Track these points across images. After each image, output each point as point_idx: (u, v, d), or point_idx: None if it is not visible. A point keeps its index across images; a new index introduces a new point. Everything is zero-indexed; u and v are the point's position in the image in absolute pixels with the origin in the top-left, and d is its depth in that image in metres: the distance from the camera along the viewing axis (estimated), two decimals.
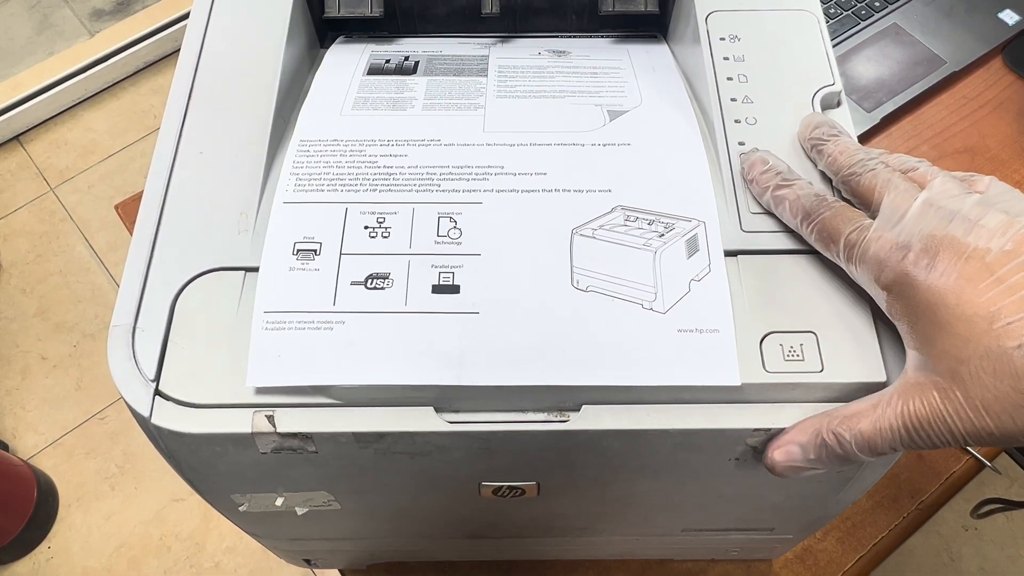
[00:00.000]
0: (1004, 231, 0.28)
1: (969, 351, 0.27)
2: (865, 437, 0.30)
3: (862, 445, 0.30)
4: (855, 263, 0.31)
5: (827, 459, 0.31)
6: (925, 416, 0.29)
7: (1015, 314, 0.27)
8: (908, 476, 0.58)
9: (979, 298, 0.27)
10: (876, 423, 0.30)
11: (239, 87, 0.41)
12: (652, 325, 0.33)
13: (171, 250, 0.37)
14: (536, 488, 0.38)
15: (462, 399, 0.34)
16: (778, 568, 0.56)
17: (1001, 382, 0.27)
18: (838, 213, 0.32)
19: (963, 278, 0.28)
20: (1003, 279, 0.27)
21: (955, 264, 0.28)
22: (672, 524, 0.45)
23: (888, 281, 0.30)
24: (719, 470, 0.36)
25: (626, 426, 0.33)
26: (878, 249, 0.30)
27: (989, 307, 0.27)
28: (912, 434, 0.29)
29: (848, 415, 0.31)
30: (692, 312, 0.34)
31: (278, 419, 0.33)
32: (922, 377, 0.29)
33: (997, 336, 0.27)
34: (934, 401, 0.28)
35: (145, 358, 0.34)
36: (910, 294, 0.29)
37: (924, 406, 0.29)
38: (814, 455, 0.32)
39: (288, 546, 0.49)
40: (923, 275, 0.29)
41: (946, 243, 0.29)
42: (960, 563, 1.30)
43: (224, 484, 0.38)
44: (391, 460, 0.35)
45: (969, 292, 0.28)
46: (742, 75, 0.41)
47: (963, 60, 0.76)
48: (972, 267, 0.28)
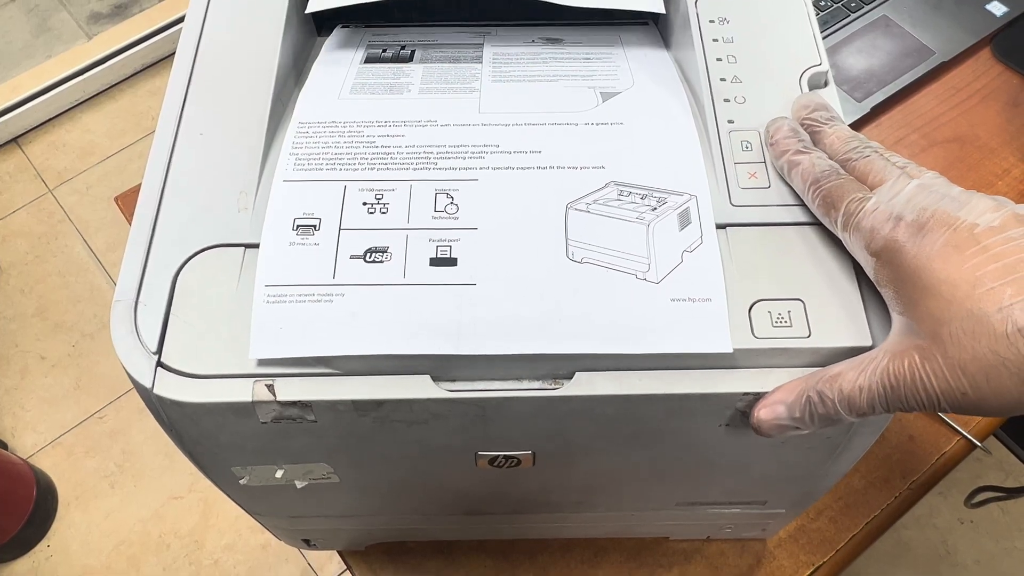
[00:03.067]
0: (994, 210, 0.30)
1: (951, 313, 0.28)
2: (847, 396, 0.31)
3: (844, 404, 0.31)
4: (850, 230, 0.33)
5: (811, 418, 0.32)
6: (904, 376, 0.30)
7: (997, 280, 0.28)
8: (900, 457, 0.59)
9: (964, 264, 0.29)
10: (858, 383, 0.31)
11: (238, 73, 0.42)
12: (646, 295, 0.34)
13: (172, 227, 0.38)
14: (531, 458, 0.39)
15: (458, 368, 0.34)
16: (772, 547, 0.57)
17: (979, 343, 0.28)
18: (844, 184, 0.34)
19: (950, 245, 0.29)
20: (988, 248, 0.29)
21: (943, 233, 0.30)
22: (665, 497, 0.46)
23: (878, 247, 0.31)
24: (710, 436, 0.37)
25: (618, 391, 0.34)
26: (873, 219, 0.32)
27: (973, 273, 0.28)
28: (891, 393, 0.30)
29: (832, 375, 0.32)
30: (685, 282, 0.35)
31: (278, 388, 0.34)
32: (905, 340, 0.31)
33: (978, 300, 0.28)
34: (914, 362, 0.30)
35: (147, 331, 0.35)
36: (898, 260, 0.31)
37: (904, 367, 0.30)
38: (799, 413, 0.33)
39: (288, 524, 0.50)
40: (912, 242, 0.30)
41: (937, 215, 0.30)
42: (956, 556, 1.31)
43: (225, 456, 0.38)
44: (389, 429, 0.36)
45: (955, 258, 0.29)
46: (731, 56, 0.42)
47: (952, 51, 0.77)
48: (959, 236, 0.29)
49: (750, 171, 0.38)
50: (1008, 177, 0.71)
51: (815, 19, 0.44)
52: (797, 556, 0.56)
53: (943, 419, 0.60)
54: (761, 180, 0.38)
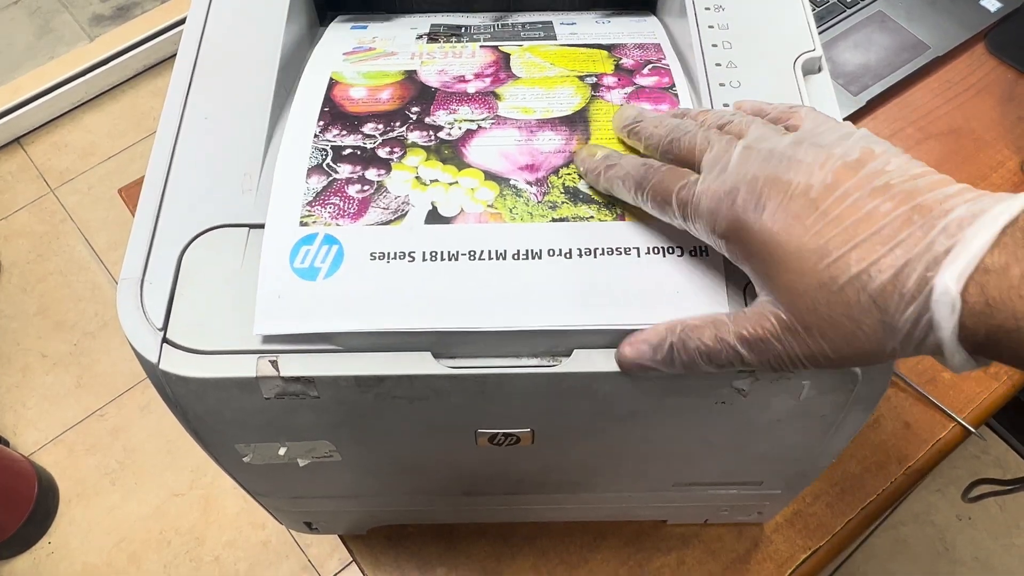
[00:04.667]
0: (822, 164, 0.29)
1: (804, 283, 0.28)
2: (707, 348, 0.31)
3: (705, 356, 0.31)
4: (691, 219, 0.32)
5: (672, 362, 0.32)
6: (764, 338, 0.30)
7: (841, 247, 0.28)
8: (895, 443, 0.60)
9: (807, 234, 0.28)
10: (717, 336, 0.31)
11: (242, 59, 0.43)
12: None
13: (178, 208, 0.38)
14: (531, 436, 0.39)
15: (459, 345, 0.35)
16: (769, 532, 0.57)
17: (835, 311, 0.28)
18: (666, 175, 0.33)
19: (791, 216, 0.29)
20: (827, 212, 0.28)
21: (781, 203, 0.29)
22: (663, 477, 0.47)
23: (723, 229, 0.31)
24: (706, 414, 0.38)
25: (616, 368, 0.35)
26: (708, 201, 0.31)
27: (818, 241, 0.28)
28: (752, 353, 0.30)
29: (695, 325, 0.32)
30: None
31: (282, 364, 0.35)
32: (767, 306, 0.30)
33: (828, 270, 0.28)
34: (773, 326, 0.30)
35: (153, 308, 0.36)
36: (745, 238, 0.30)
37: (762, 330, 0.30)
38: (661, 357, 0.32)
39: (289, 506, 0.50)
40: (754, 217, 0.29)
41: (769, 182, 0.29)
42: (954, 552, 1.31)
43: (229, 433, 0.39)
44: (391, 406, 0.37)
45: (798, 229, 0.28)
46: (726, 42, 0.43)
47: (947, 45, 0.78)
48: (798, 204, 0.29)
49: None
50: (1003, 169, 0.72)
51: (808, 6, 0.44)
52: (794, 540, 0.57)
53: (938, 406, 0.61)
54: None
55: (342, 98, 0.40)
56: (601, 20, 0.48)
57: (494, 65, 0.42)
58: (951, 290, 0.26)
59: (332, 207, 0.36)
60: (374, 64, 0.43)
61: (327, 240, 0.35)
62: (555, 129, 0.39)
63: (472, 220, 0.36)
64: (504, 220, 0.36)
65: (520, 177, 0.37)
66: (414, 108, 0.40)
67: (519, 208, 0.36)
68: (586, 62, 0.42)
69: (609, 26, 0.47)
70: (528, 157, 0.38)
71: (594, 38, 0.45)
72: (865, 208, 0.28)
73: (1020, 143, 0.73)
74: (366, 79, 0.41)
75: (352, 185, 0.37)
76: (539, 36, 0.46)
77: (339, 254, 0.35)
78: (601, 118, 0.39)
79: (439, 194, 0.36)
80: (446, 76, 0.42)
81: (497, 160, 0.38)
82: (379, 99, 0.40)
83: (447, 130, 0.39)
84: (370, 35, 0.46)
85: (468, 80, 0.41)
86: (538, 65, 0.42)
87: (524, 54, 0.43)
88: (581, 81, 0.41)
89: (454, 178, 0.37)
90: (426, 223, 0.35)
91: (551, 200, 0.36)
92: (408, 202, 0.36)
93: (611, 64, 0.42)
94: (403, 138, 0.38)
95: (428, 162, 0.38)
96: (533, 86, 0.41)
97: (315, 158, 0.38)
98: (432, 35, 0.46)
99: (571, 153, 0.38)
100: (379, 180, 0.37)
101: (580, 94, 0.40)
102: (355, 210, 0.36)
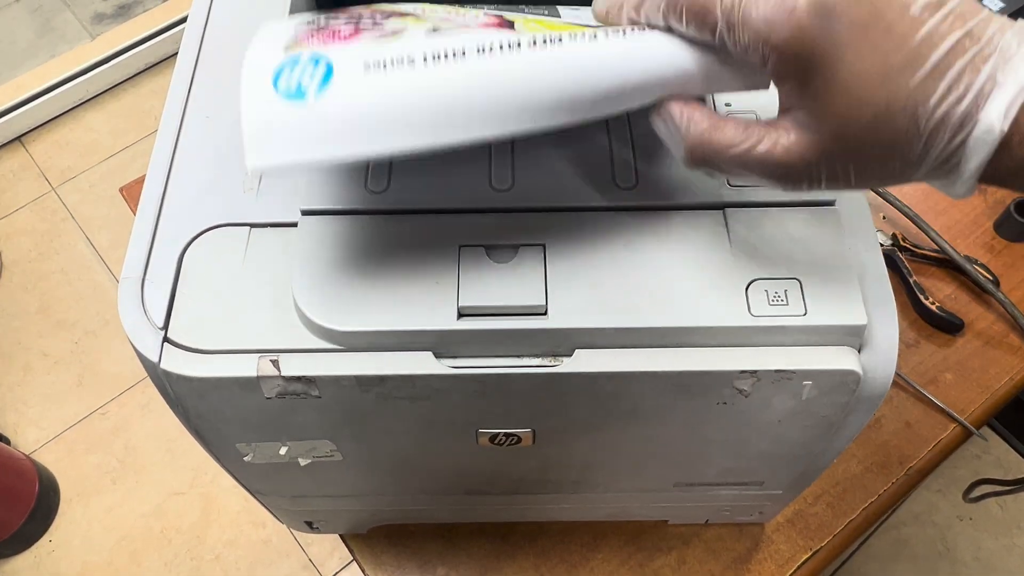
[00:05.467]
0: None
1: (860, 110, 0.26)
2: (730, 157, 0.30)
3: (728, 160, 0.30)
4: (738, 30, 0.28)
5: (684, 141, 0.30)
6: (793, 163, 0.28)
7: (904, 76, 0.26)
8: (897, 443, 0.60)
9: (873, 54, 0.26)
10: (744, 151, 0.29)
11: (243, 56, 0.43)
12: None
13: (179, 207, 0.38)
14: (532, 436, 0.39)
15: (460, 345, 0.35)
16: (770, 531, 0.57)
17: (881, 137, 0.26)
18: None
19: (858, 29, 0.26)
20: (891, 29, 0.26)
21: (847, 10, 0.26)
22: (664, 477, 0.47)
23: (781, 40, 0.27)
24: (708, 414, 0.38)
25: (617, 368, 0.35)
26: (764, 7, 0.27)
27: (882, 66, 0.26)
28: (775, 178, 0.29)
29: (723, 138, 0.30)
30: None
31: (282, 363, 0.35)
32: (802, 129, 0.28)
33: (887, 98, 0.26)
34: (808, 150, 0.28)
35: (154, 308, 0.36)
36: (807, 52, 0.27)
37: (797, 155, 0.28)
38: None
39: (290, 505, 0.50)
40: (821, 30, 0.27)
41: None
42: (955, 552, 1.31)
43: (230, 432, 0.39)
44: (392, 405, 0.37)
45: (865, 48, 0.26)
46: None
47: None
48: (864, 12, 0.26)
49: None
50: None
51: None
52: (795, 540, 0.57)
53: (940, 406, 0.61)
54: None
55: None
56: None
57: (497, 22, 0.40)
58: (994, 127, 0.25)
59: (321, 36, 0.31)
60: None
61: (313, 59, 0.30)
62: None
63: (478, 26, 0.33)
64: (514, 28, 0.33)
65: None
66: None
67: (528, 22, 0.34)
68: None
69: None
70: None
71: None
72: (925, 28, 0.25)
73: None
74: None
75: (343, 25, 0.33)
76: (543, 14, 0.45)
77: (328, 70, 0.30)
78: None
79: (439, 22, 0.33)
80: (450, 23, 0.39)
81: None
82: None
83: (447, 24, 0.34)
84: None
85: (470, 27, 0.39)
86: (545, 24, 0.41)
87: (529, 23, 0.42)
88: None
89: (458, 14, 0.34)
90: (426, 36, 0.31)
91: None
92: (405, 28, 0.32)
93: None
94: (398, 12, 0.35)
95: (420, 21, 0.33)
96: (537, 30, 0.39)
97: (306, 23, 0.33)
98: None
99: None
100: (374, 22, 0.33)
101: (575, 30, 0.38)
102: (347, 34, 0.31)
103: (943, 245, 0.65)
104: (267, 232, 0.37)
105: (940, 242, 0.65)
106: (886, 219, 0.70)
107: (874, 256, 0.37)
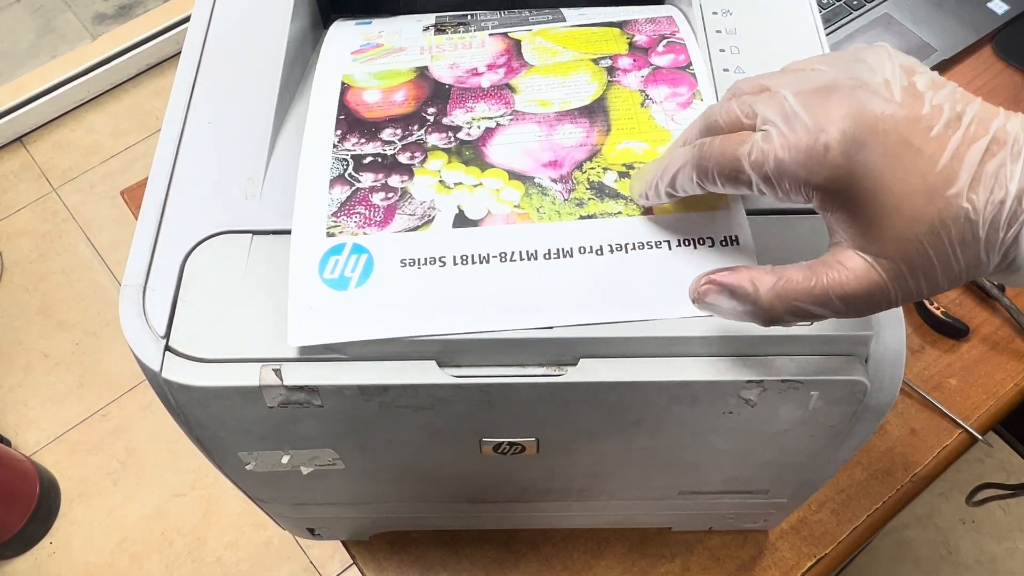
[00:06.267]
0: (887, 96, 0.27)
1: (914, 228, 0.27)
2: (801, 308, 0.29)
3: (794, 311, 0.30)
4: (773, 179, 0.29)
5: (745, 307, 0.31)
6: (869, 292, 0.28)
7: (947, 187, 0.26)
8: (901, 450, 0.59)
9: (912, 175, 0.27)
10: (813, 295, 0.29)
11: (246, 62, 0.43)
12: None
13: (181, 214, 0.38)
14: (535, 445, 0.39)
15: (464, 353, 0.35)
16: (774, 539, 0.57)
17: (940, 250, 0.27)
18: (724, 144, 0.30)
19: (891, 156, 0.27)
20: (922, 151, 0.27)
21: (878, 140, 0.27)
22: (668, 485, 0.46)
23: (821, 180, 0.28)
24: (714, 424, 0.37)
25: (622, 378, 0.34)
26: (794, 154, 0.28)
27: (923, 184, 0.27)
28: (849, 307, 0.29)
29: (792, 279, 0.30)
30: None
31: (285, 372, 0.34)
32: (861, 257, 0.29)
33: (937, 212, 0.27)
34: (880, 278, 0.28)
35: (155, 316, 0.36)
36: (847, 186, 0.28)
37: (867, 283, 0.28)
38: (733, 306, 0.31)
39: (292, 512, 0.50)
40: (857, 163, 0.27)
41: (856, 119, 0.27)
42: (958, 555, 1.31)
43: (232, 441, 0.39)
44: (395, 414, 0.36)
45: (900, 171, 0.27)
46: (734, 47, 0.42)
47: (953, 48, 0.77)
48: (893, 141, 0.27)
49: None
50: None
51: (817, 11, 0.44)
52: (799, 548, 0.56)
53: (945, 413, 0.60)
54: None
55: (356, 104, 0.40)
56: None
57: (506, 54, 0.42)
58: None
59: (358, 216, 0.36)
60: (384, 62, 0.42)
61: (356, 249, 0.35)
62: (575, 121, 0.38)
63: (500, 222, 0.35)
64: (532, 220, 0.35)
65: (544, 175, 0.37)
66: (430, 109, 0.39)
67: (546, 207, 0.36)
68: (599, 43, 0.42)
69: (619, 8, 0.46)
70: (551, 153, 0.37)
71: (604, 16, 0.44)
72: (952, 143, 0.27)
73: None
74: (378, 79, 0.41)
75: (376, 193, 0.36)
76: (547, 19, 0.45)
77: (369, 262, 0.35)
78: (620, 106, 0.39)
79: (464, 197, 0.36)
80: (459, 70, 0.41)
81: (520, 158, 0.37)
82: (394, 101, 0.40)
83: (466, 130, 0.38)
84: (376, 30, 0.46)
85: (481, 73, 0.41)
86: (550, 50, 0.42)
87: (535, 39, 0.43)
88: (596, 65, 0.40)
89: (478, 179, 0.37)
90: (454, 227, 0.35)
91: (577, 197, 0.36)
92: (434, 207, 0.36)
93: (624, 42, 0.42)
94: (423, 141, 0.38)
95: (450, 165, 0.37)
96: (548, 75, 0.40)
97: (336, 169, 0.37)
98: (439, 26, 0.45)
99: (593, 146, 0.37)
100: (403, 186, 0.37)
101: (596, 80, 0.40)
102: (381, 218, 0.36)
103: None
104: (269, 239, 0.37)
105: None
106: None
107: None
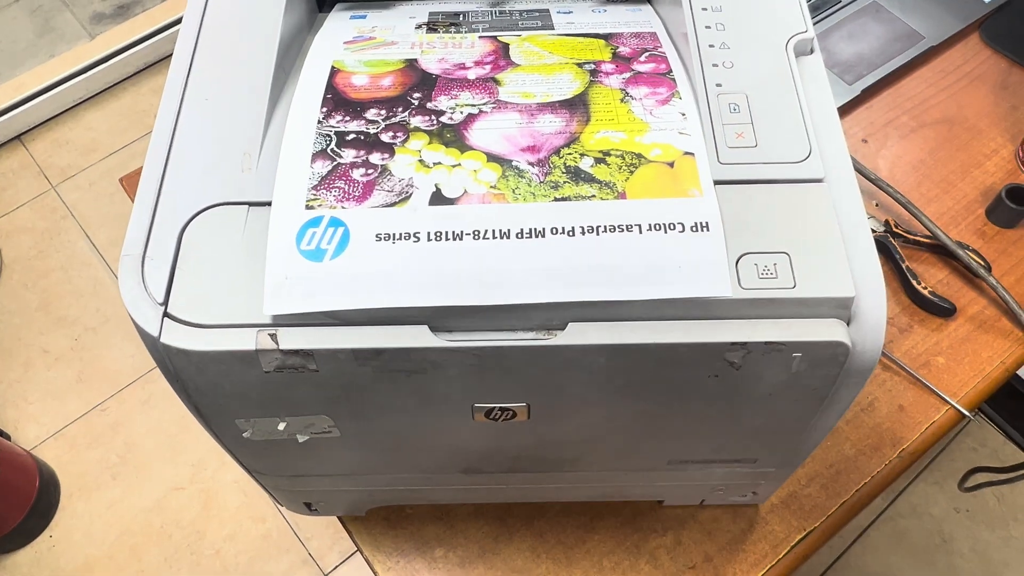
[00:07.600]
0: None
1: None
2: None
3: None
4: None
5: None
6: None
7: None
8: (890, 426, 0.60)
9: None
10: None
11: (242, 42, 0.44)
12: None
13: (179, 186, 0.39)
14: (527, 410, 0.40)
15: (455, 318, 0.36)
16: (764, 513, 0.58)
17: None
18: None
19: None
20: None
21: None
22: (658, 453, 0.47)
23: None
24: (700, 387, 0.38)
25: (610, 341, 0.35)
26: None
27: None
28: None
29: None
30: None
31: (281, 337, 0.35)
32: None
33: None
34: None
35: (154, 284, 0.36)
36: None
37: None
38: None
39: (289, 485, 0.51)
40: None
41: None
42: (952, 544, 1.32)
43: (229, 407, 0.39)
44: (388, 379, 0.37)
45: None
46: (720, 24, 0.43)
47: (941, 35, 0.79)
48: None
49: (737, 131, 0.40)
50: (996, 157, 0.73)
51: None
52: (789, 521, 0.57)
53: (932, 389, 0.61)
54: (748, 139, 0.39)
55: (344, 85, 0.41)
56: (597, 9, 0.49)
57: (494, 54, 0.43)
58: None
59: (337, 190, 0.37)
60: (375, 53, 0.44)
61: (333, 222, 0.36)
62: (555, 112, 0.39)
63: (475, 201, 0.36)
64: (507, 200, 0.36)
65: (522, 158, 0.38)
66: (416, 94, 0.40)
67: (522, 188, 0.37)
68: (584, 50, 0.43)
69: (605, 15, 0.48)
70: (529, 139, 0.38)
71: (591, 27, 0.46)
72: None
73: (1014, 131, 0.74)
74: (368, 67, 0.42)
75: (356, 169, 0.37)
76: (536, 26, 0.46)
77: (345, 235, 0.35)
78: (600, 101, 0.40)
79: (442, 176, 0.37)
80: (447, 64, 0.42)
81: (499, 142, 0.38)
82: (381, 85, 0.41)
83: (449, 114, 0.39)
84: (369, 24, 0.47)
85: (468, 68, 0.42)
86: (537, 54, 0.43)
87: (523, 43, 0.44)
88: (580, 68, 0.42)
89: (457, 160, 0.37)
90: (430, 204, 0.36)
91: (553, 180, 0.37)
92: (412, 184, 0.37)
93: (608, 52, 0.43)
94: (405, 123, 0.39)
95: (431, 145, 0.38)
96: (533, 72, 0.42)
97: (319, 143, 0.38)
98: (431, 24, 0.46)
99: (572, 134, 0.38)
100: (383, 164, 0.37)
101: (579, 79, 0.41)
102: (360, 193, 0.36)
103: (935, 231, 0.66)
104: (264, 211, 0.38)
105: (932, 228, 0.66)
106: (879, 206, 0.71)
107: (862, 231, 0.38)
